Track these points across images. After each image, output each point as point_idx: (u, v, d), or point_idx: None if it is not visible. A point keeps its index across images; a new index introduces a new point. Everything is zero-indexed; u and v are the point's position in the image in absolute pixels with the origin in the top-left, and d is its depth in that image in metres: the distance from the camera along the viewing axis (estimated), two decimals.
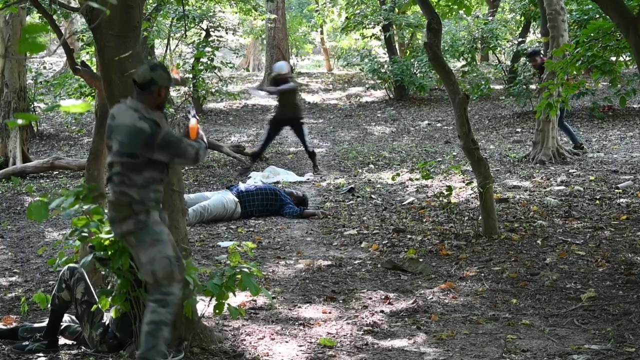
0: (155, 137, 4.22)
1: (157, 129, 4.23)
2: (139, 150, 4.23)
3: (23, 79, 13.77)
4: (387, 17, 20.49)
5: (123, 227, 4.25)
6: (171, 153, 4.29)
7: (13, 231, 8.79)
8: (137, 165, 4.25)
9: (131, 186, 4.24)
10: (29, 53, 2.18)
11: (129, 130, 4.23)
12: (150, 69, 4.32)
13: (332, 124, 17.79)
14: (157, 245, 4.24)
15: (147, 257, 4.23)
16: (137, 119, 4.23)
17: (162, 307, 4.23)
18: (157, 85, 4.32)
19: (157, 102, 4.36)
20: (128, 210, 4.24)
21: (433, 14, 7.77)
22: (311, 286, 6.20)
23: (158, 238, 4.26)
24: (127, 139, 4.23)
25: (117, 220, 4.27)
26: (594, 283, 6.00)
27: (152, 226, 4.26)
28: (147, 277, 4.26)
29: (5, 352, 4.82)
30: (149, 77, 4.30)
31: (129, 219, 4.24)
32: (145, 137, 4.21)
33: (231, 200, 8.91)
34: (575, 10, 15.21)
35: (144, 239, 4.23)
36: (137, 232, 4.23)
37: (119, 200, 4.26)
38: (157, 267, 4.22)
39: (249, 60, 34.15)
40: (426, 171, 8.17)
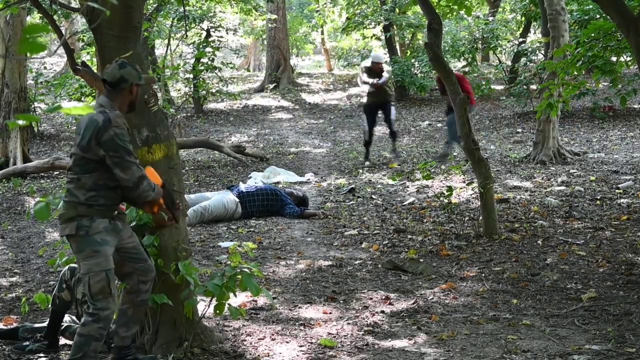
0: (104, 132, 4.04)
1: (107, 124, 4.05)
2: (89, 144, 4.07)
3: (23, 79, 13.78)
4: (388, 17, 20.49)
5: (66, 230, 4.12)
6: (114, 159, 4.05)
7: (13, 231, 8.80)
8: (88, 164, 4.11)
9: (79, 187, 4.11)
10: (30, 53, 2.18)
11: (86, 121, 4.14)
12: (119, 67, 4.20)
13: (332, 124, 17.79)
14: (95, 257, 4.08)
15: (84, 268, 4.10)
16: (97, 112, 4.13)
17: (94, 322, 4.09)
18: (128, 83, 4.20)
19: (129, 100, 4.25)
20: (73, 211, 4.11)
21: (434, 14, 7.77)
22: (312, 286, 6.20)
23: (97, 249, 4.09)
24: (83, 129, 4.14)
25: (62, 220, 4.16)
26: (595, 283, 6.00)
27: (93, 235, 4.08)
28: (84, 288, 4.14)
29: (5, 353, 4.82)
30: (119, 75, 4.18)
31: (71, 221, 4.10)
32: (95, 129, 4.06)
33: (232, 201, 8.91)
34: (575, 10, 15.21)
35: (83, 249, 4.09)
36: (78, 238, 4.09)
37: (67, 199, 4.15)
38: (92, 281, 4.07)
39: (250, 61, 34.18)
40: (427, 171, 8.17)
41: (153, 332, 4.61)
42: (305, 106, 20.65)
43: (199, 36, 19.47)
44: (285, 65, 23.90)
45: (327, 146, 14.82)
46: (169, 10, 16.22)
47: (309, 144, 15.23)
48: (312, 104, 20.99)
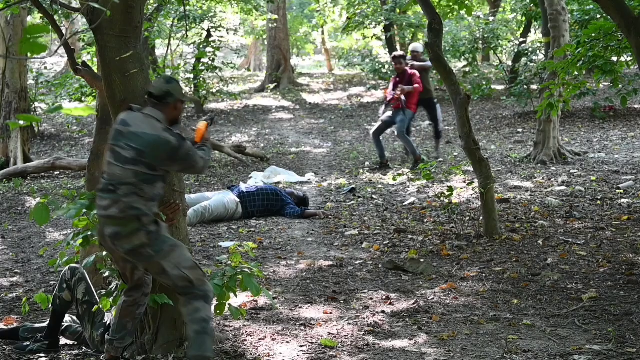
0: (180, 150, 4.13)
1: (182, 143, 4.14)
2: (159, 162, 4.12)
3: (24, 79, 13.79)
4: (388, 17, 20.49)
5: (134, 242, 4.09)
6: (186, 166, 4.24)
7: (14, 231, 8.80)
8: (153, 177, 4.13)
9: (141, 198, 4.10)
10: (31, 54, 2.19)
11: (154, 140, 4.10)
12: (166, 81, 4.27)
13: (333, 124, 17.79)
14: (177, 250, 4.17)
15: (171, 263, 4.13)
16: (160, 129, 4.13)
17: (206, 303, 4.21)
18: (174, 98, 4.25)
19: (172, 116, 4.27)
20: (137, 223, 4.09)
21: (434, 14, 7.77)
22: (312, 286, 6.20)
23: (174, 243, 4.20)
24: (149, 148, 4.09)
25: (124, 235, 4.09)
26: (595, 283, 6.00)
27: (164, 233, 4.19)
28: (179, 281, 4.16)
29: (6, 353, 4.83)
30: (166, 88, 4.23)
31: (139, 231, 4.09)
32: (169, 149, 4.10)
33: (232, 201, 8.91)
34: (576, 10, 15.19)
35: (161, 248, 4.13)
36: (151, 242, 4.11)
37: (125, 214, 4.08)
38: (187, 271, 4.15)
39: (250, 61, 34.20)
40: (427, 171, 8.16)
41: (153, 332, 4.61)
42: (305, 106, 20.65)
43: (200, 36, 19.49)
44: (285, 65, 23.91)
45: (328, 146, 14.82)
46: (170, 10, 16.23)
47: (310, 144, 15.23)
48: (312, 104, 20.99)
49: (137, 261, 4.22)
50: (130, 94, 4.49)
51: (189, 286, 4.17)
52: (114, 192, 4.12)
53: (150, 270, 4.25)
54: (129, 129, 4.17)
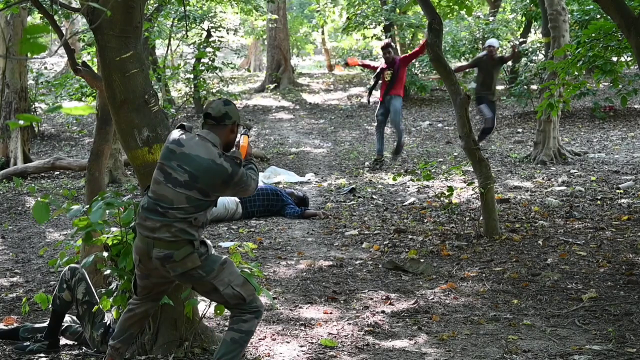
0: (234, 177, 4.01)
1: (237, 169, 4.01)
2: (213, 188, 4.01)
3: (24, 79, 13.79)
4: (388, 17, 20.49)
5: (188, 264, 3.99)
6: (238, 190, 4.12)
7: (14, 231, 8.80)
8: (206, 203, 4.04)
9: (193, 226, 4.00)
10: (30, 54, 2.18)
11: (208, 165, 3.97)
12: (224, 103, 4.15)
13: (333, 124, 17.79)
14: (227, 268, 4.11)
15: (223, 282, 4.07)
16: (216, 154, 3.99)
17: (256, 318, 4.16)
18: (232, 120, 4.12)
19: (229, 139, 4.14)
20: (190, 247, 4.00)
21: (434, 14, 7.77)
22: (312, 286, 6.20)
23: (224, 261, 4.14)
24: (203, 174, 3.96)
25: (177, 259, 3.98)
26: (595, 283, 6.00)
27: (212, 252, 4.12)
28: (233, 299, 4.11)
29: (6, 353, 4.83)
30: (224, 110, 4.11)
31: (192, 254, 4.00)
32: (225, 177, 3.98)
33: (232, 201, 8.91)
34: (576, 10, 15.20)
35: (212, 268, 4.06)
36: (203, 264, 4.05)
37: (178, 238, 3.97)
38: (238, 288, 4.10)
39: (250, 61, 34.20)
40: (427, 172, 8.16)
41: (153, 332, 4.61)
42: (305, 106, 20.66)
43: (200, 36, 19.48)
44: (285, 65, 23.91)
45: (328, 146, 14.83)
46: (170, 10, 16.22)
47: (310, 144, 15.23)
48: (312, 104, 20.99)
49: (186, 282, 4.16)
50: (130, 94, 4.49)
51: (241, 303, 4.13)
52: (164, 215, 3.99)
53: (198, 289, 4.18)
54: (182, 150, 4.02)
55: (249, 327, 4.13)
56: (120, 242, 4.44)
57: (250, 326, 4.13)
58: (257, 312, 4.16)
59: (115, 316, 4.67)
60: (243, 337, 4.11)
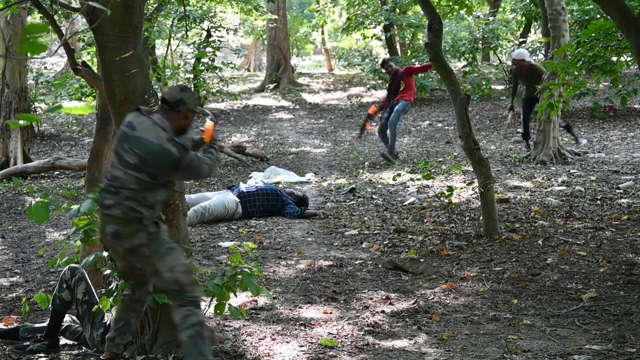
0: (182, 162, 4.09)
1: (184, 155, 4.10)
2: (161, 172, 4.10)
3: (24, 79, 13.79)
4: (388, 17, 20.49)
5: (134, 241, 4.11)
6: (189, 174, 4.27)
7: (14, 231, 8.80)
8: (155, 185, 4.13)
9: (142, 204, 4.11)
10: (30, 53, 2.19)
11: (156, 150, 4.06)
12: (180, 89, 4.25)
13: (333, 124, 17.79)
14: (172, 253, 4.19)
15: (165, 265, 4.14)
16: (165, 139, 4.08)
17: (197, 308, 4.20)
18: (186, 107, 4.21)
19: (181, 125, 4.23)
20: (138, 224, 4.11)
21: (434, 14, 7.77)
22: (312, 286, 6.20)
23: (172, 246, 4.22)
24: (151, 158, 4.06)
25: (125, 235, 4.11)
26: (595, 283, 6.00)
27: (163, 235, 4.21)
28: (171, 284, 4.16)
29: (6, 353, 4.83)
30: (179, 96, 4.20)
31: (140, 232, 4.11)
32: (172, 161, 4.07)
33: (232, 201, 8.91)
34: (576, 10, 15.19)
35: (158, 249, 4.14)
36: (150, 243, 4.13)
37: (127, 216, 4.10)
38: (179, 274, 4.15)
39: (250, 61, 34.19)
40: (427, 171, 8.16)
41: (153, 332, 4.61)
42: (305, 106, 20.65)
43: (200, 36, 19.49)
44: (285, 65, 23.91)
45: (328, 146, 14.82)
46: (170, 10, 16.24)
47: (310, 144, 15.23)
48: (312, 104, 20.99)
49: (134, 260, 4.22)
50: (130, 94, 4.49)
51: (179, 290, 4.17)
52: (116, 194, 4.12)
53: (144, 270, 4.26)
54: (134, 133, 4.13)
55: (196, 318, 4.17)
56: None
57: (196, 317, 4.17)
58: (195, 302, 4.20)
59: (115, 316, 4.67)
60: (197, 329, 4.15)
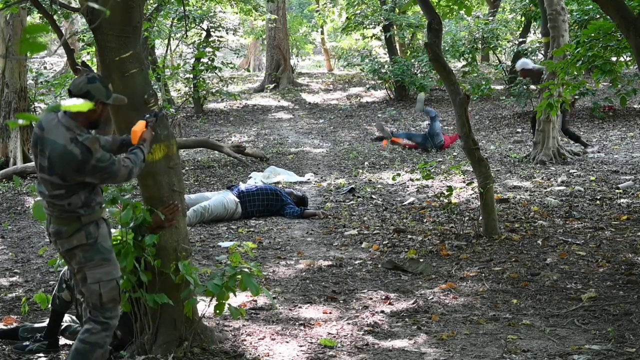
0: (86, 164, 3.84)
1: (88, 156, 3.84)
2: (69, 175, 3.87)
3: (24, 79, 13.78)
4: (388, 17, 20.49)
5: (73, 242, 3.97)
6: (102, 177, 3.94)
7: (14, 231, 8.80)
8: (71, 187, 3.91)
9: (73, 206, 3.94)
10: (30, 53, 2.18)
11: (60, 152, 3.85)
12: (88, 81, 3.97)
13: (332, 124, 17.79)
14: (105, 266, 4.03)
15: (94, 277, 4.00)
16: (68, 140, 3.84)
17: (103, 331, 4.04)
18: (94, 99, 3.93)
19: (91, 119, 3.99)
20: (77, 223, 3.96)
21: (434, 14, 7.77)
22: (312, 286, 6.20)
23: (107, 257, 4.04)
24: (57, 160, 3.86)
25: (65, 234, 3.98)
26: (595, 283, 6.00)
27: (101, 242, 4.02)
28: (91, 297, 4.03)
29: (5, 352, 4.82)
30: (86, 89, 3.94)
31: (79, 232, 3.97)
32: (76, 164, 3.84)
33: (232, 201, 8.91)
34: (575, 10, 15.19)
35: (92, 257, 4.00)
36: (87, 247, 3.98)
37: (64, 216, 3.96)
38: (103, 289, 4.01)
39: (250, 61, 34.18)
40: (427, 171, 8.17)
41: (153, 331, 4.61)
42: (305, 106, 20.66)
43: (199, 36, 19.49)
44: (285, 65, 23.91)
45: (327, 146, 14.82)
46: (169, 10, 16.23)
47: (309, 143, 15.23)
48: (312, 104, 20.99)
49: (70, 262, 4.10)
50: (129, 94, 4.49)
51: (97, 306, 4.03)
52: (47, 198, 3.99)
53: (77, 274, 4.10)
54: (43, 134, 3.94)
55: (96, 339, 4.01)
56: (120, 242, 4.44)
57: (96, 339, 4.01)
58: (105, 325, 4.04)
59: None
60: (87, 349, 4.01)
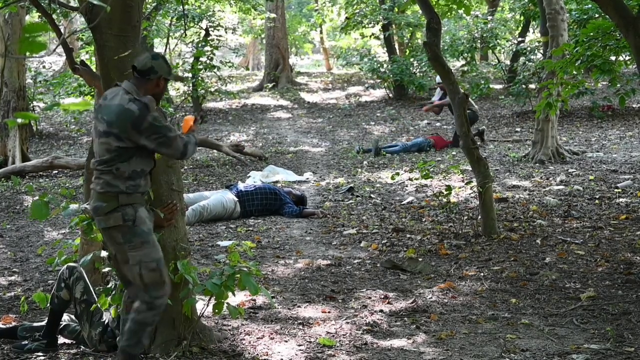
0: (143, 120, 4.06)
1: (145, 112, 4.06)
2: (125, 133, 4.07)
3: (22, 78, 13.78)
4: (387, 16, 20.49)
5: (110, 221, 4.12)
6: (158, 141, 4.11)
7: (12, 230, 8.79)
8: (125, 152, 4.10)
9: (117, 177, 4.10)
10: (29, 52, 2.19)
11: (118, 110, 4.08)
12: (152, 57, 4.23)
13: (331, 123, 17.79)
14: (145, 248, 4.14)
15: (135, 259, 4.13)
16: (127, 100, 4.09)
17: (149, 310, 4.17)
18: (157, 75, 4.21)
19: (153, 93, 4.22)
20: (115, 201, 4.11)
21: (432, 13, 7.77)
22: (310, 285, 6.20)
23: (146, 239, 4.15)
24: (115, 118, 4.08)
25: (103, 211, 4.12)
26: (594, 283, 6.01)
27: (140, 225, 4.14)
28: (135, 279, 4.17)
29: (4, 352, 4.82)
30: (150, 64, 4.19)
31: (116, 212, 4.10)
32: (132, 119, 4.05)
33: (230, 200, 8.91)
34: (574, 9, 15.20)
35: (131, 239, 4.12)
36: (124, 228, 4.11)
37: (105, 191, 4.12)
38: (145, 271, 4.13)
39: (249, 60, 34.18)
40: (426, 170, 8.17)
41: (152, 331, 4.61)
42: (304, 105, 20.64)
43: (198, 35, 19.47)
44: (284, 64, 23.90)
45: (326, 145, 14.82)
46: (168, 9, 16.23)
47: (308, 143, 15.23)
48: (311, 103, 20.98)
49: (109, 243, 4.23)
50: None
51: (140, 287, 4.17)
52: (96, 169, 4.18)
53: (117, 256, 4.23)
54: (104, 102, 4.19)
55: (143, 318, 4.16)
56: None
57: (144, 318, 4.17)
58: (151, 304, 4.17)
59: (114, 315, 4.67)
60: (138, 328, 4.18)
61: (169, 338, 4.59)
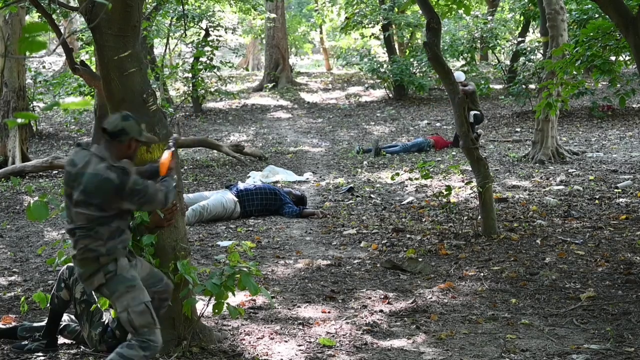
0: (124, 187, 3.95)
1: (125, 179, 3.95)
2: (107, 202, 3.97)
3: (22, 78, 13.78)
4: (387, 16, 20.50)
5: (94, 282, 4.07)
6: (140, 201, 4.04)
7: (12, 230, 8.79)
8: (105, 217, 4.01)
9: (97, 239, 4.02)
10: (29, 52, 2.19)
11: (96, 180, 3.96)
12: (123, 119, 4.09)
13: (331, 123, 17.79)
14: (131, 292, 4.08)
15: (122, 305, 4.06)
16: (103, 168, 3.96)
17: (142, 350, 4.07)
18: (128, 136, 4.07)
19: (125, 155, 4.10)
20: (95, 264, 4.05)
21: (432, 13, 7.77)
22: (310, 286, 6.20)
23: (131, 284, 4.09)
24: (94, 189, 3.96)
25: (86, 276, 4.08)
26: (593, 283, 6.01)
27: (122, 273, 4.08)
28: (125, 325, 4.11)
29: (4, 352, 4.82)
30: (121, 126, 4.05)
31: (98, 272, 4.06)
32: (114, 188, 3.94)
33: (230, 200, 8.91)
34: (574, 9, 15.21)
35: (116, 288, 4.07)
36: (108, 282, 4.06)
37: (85, 256, 4.05)
38: (133, 315, 4.06)
39: (249, 60, 34.18)
40: (425, 171, 8.17)
41: None
42: (304, 105, 20.65)
43: (198, 35, 19.48)
44: (284, 64, 23.91)
45: (326, 145, 14.82)
46: (168, 10, 16.22)
47: (308, 143, 15.23)
48: (310, 103, 20.98)
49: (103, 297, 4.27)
50: (128, 93, 4.49)
51: (132, 331, 4.11)
52: (73, 235, 4.08)
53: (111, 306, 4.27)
54: (76, 170, 4.04)
55: (131, 354, 4.03)
56: None
57: (132, 354, 4.03)
58: (145, 345, 4.07)
59: (114, 315, 4.67)
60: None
61: (169, 338, 4.59)
